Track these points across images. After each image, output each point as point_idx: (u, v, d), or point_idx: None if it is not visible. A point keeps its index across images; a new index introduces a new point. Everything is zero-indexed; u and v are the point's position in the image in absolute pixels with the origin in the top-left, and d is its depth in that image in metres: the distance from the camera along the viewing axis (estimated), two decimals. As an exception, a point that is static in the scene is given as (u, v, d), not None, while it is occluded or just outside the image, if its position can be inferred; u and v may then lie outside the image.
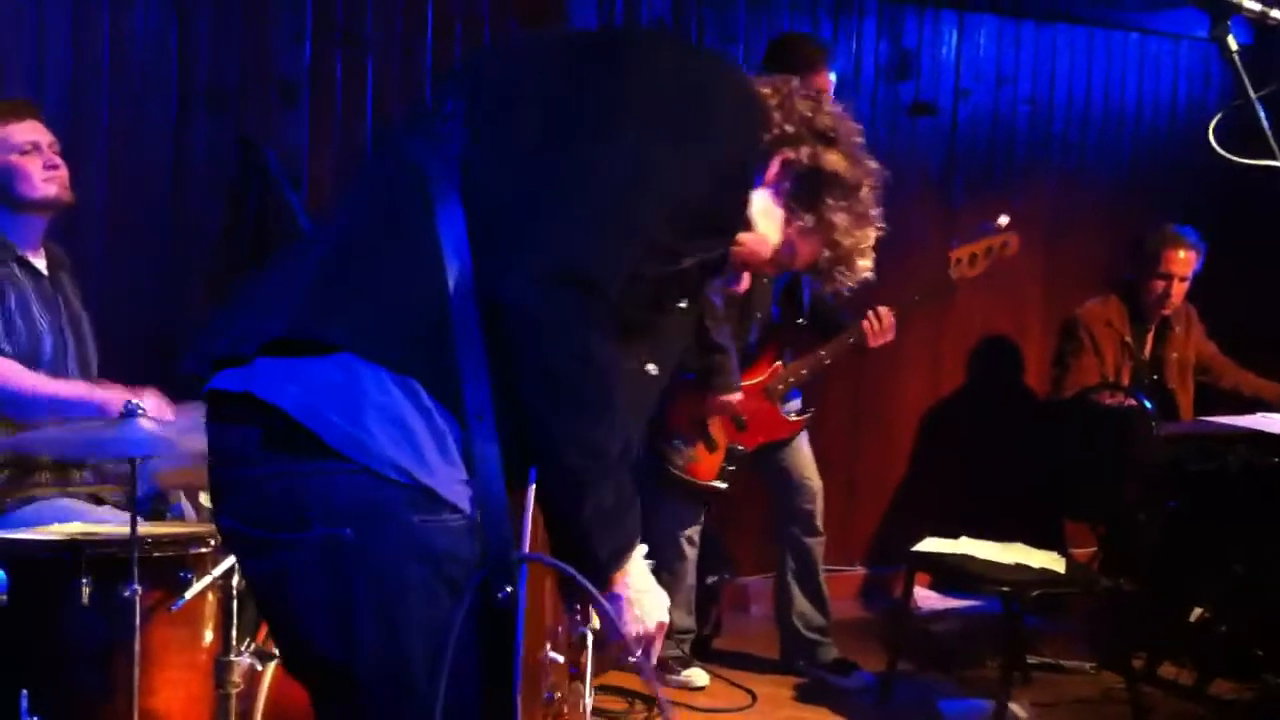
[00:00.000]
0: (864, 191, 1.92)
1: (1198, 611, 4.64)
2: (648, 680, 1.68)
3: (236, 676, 2.70)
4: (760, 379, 4.40)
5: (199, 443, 2.75)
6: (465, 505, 1.61)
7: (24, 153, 3.33)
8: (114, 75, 4.29)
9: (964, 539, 4.41)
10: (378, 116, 4.63)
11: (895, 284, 3.79)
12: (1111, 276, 5.31)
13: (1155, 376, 5.20)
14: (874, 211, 1.94)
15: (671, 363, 1.91)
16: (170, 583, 2.71)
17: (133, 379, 3.22)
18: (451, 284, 1.61)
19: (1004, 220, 4.57)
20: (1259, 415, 4.81)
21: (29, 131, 3.35)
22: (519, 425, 1.61)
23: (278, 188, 4.29)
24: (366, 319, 1.63)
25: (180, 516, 3.32)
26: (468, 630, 1.60)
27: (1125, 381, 5.10)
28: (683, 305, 1.87)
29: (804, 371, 4.45)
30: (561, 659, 1.73)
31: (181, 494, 3.31)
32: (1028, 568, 4.23)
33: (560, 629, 1.78)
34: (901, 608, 4.58)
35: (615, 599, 1.73)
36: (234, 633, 2.73)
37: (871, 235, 1.94)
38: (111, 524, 2.97)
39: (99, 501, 3.26)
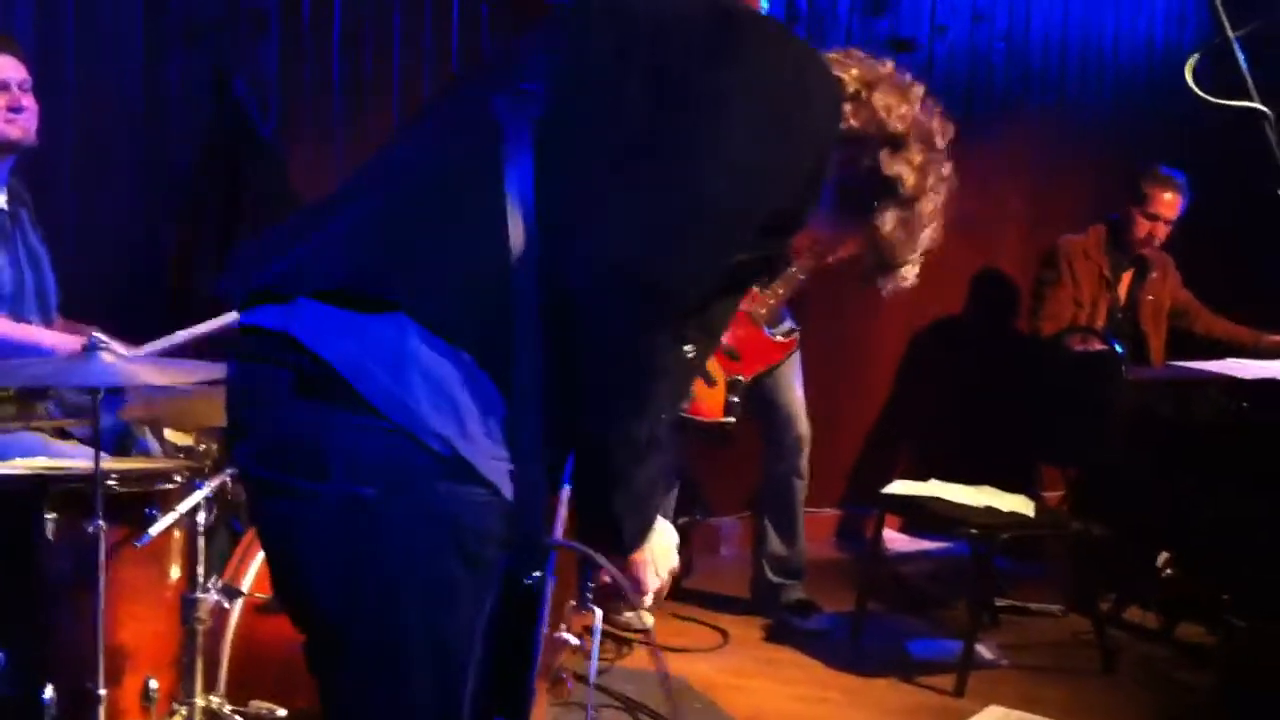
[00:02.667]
0: (924, 202, 1.80)
1: (1165, 555, 4.67)
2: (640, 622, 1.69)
3: (203, 613, 2.68)
4: (742, 307, 4.40)
5: (162, 377, 2.76)
6: (498, 482, 1.57)
7: None
8: (81, 7, 4.20)
9: (934, 481, 4.42)
10: (345, 46, 4.57)
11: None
12: (1092, 215, 5.30)
13: (1129, 316, 5.21)
14: (930, 225, 1.83)
15: (713, 346, 1.87)
16: (135, 519, 2.69)
17: (99, 318, 3.19)
18: (514, 257, 1.56)
19: None
20: (1229, 361, 4.82)
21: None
22: (566, 410, 1.57)
23: (246, 116, 4.23)
24: (425, 281, 1.58)
25: (146, 452, 3.29)
26: (482, 613, 1.58)
27: (1101, 317, 5.12)
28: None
29: (781, 291, 4.43)
30: (576, 640, 1.72)
31: (147, 429, 3.28)
32: (997, 510, 4.25)
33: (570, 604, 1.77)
34: (871, 549, 4.60)
35: (635, 564, 1.74)
36: (200, 569, 2.71)
37: (921, 247, 1.84)
38: (76, 459, 2.94)
39: (64, 436, 3.23)
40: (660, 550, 1.79)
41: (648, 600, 1.79)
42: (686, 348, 1.76)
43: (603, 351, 1.56)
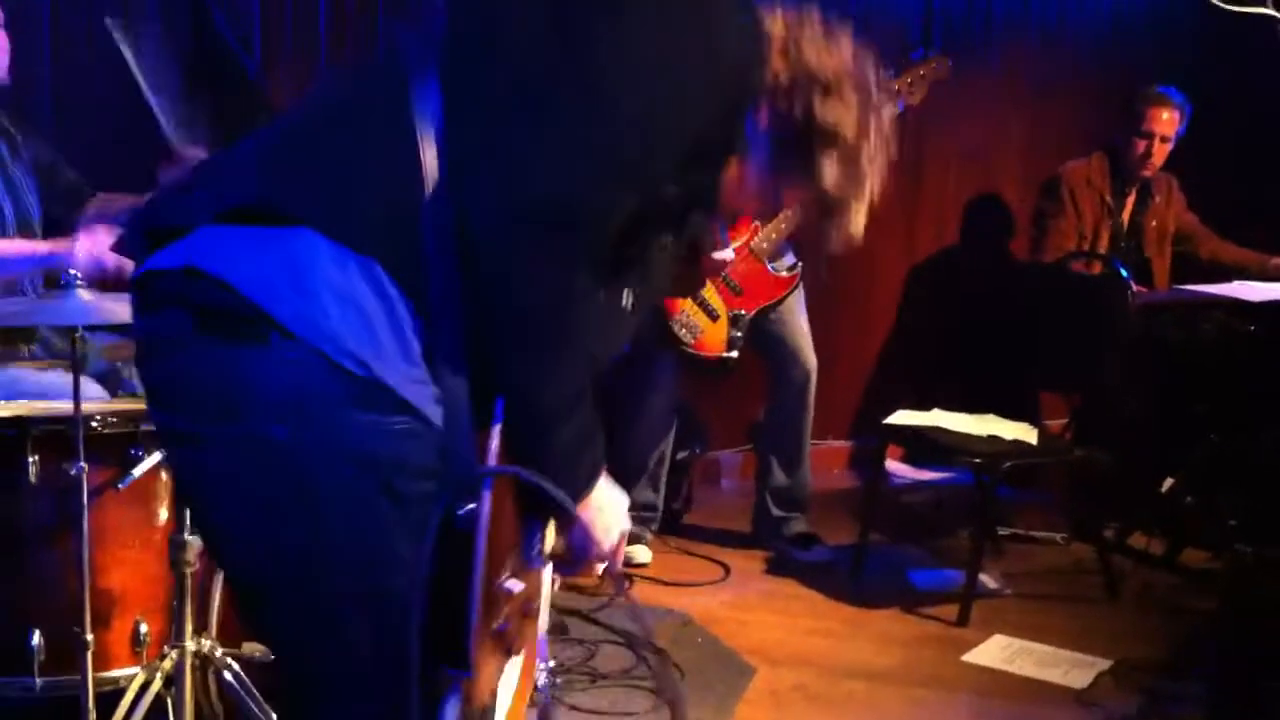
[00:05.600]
0: (865, 147, 1.73)
1: (1169, 481, 4.63)
2: (616, 586, 1.60)
3: (191, 556, 2.62)
4: (743, 239, 4.34)
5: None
6: (422, 407, 1.49)
7: None
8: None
9: (936, 410, 4.37)
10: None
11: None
12: (1094, 140, 5.21)
13: (1133, 242, 5.14)
14: (874, 172, 1.75)
15: (651, 299, 1.80)
16: (120, 460, 2.64)
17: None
18: (426, 172, 1.48)
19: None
20: (1235, 283, 4.76)
21: None
22: (484, 354, 1.50)
23: (227, 51, 4.14)
24: (330, 193, 1.51)
25: (133, 393, 3.23)
26: (421, 552, 1.48)
27: (1103, 243, 5.05)
28: (667, 242, 1.75)
29: (783, 225, 4.37)
30: (520, 587, 1.61)
31: (134, 369, 3.22)
32: (1000, 439, 4.21)
33: (517, 555, 1.67)
34: (873, 480, 4.56)
35: (579, 524, 1.66)
36: (188, 511, 2.65)
37: (867, 195, 1.75)
38: (59, 399, 2.88)
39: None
40: (606, 511, 1.69)
41: (600, 566, 1.73)
42: (626, 301, 1.70)
43: (513, 292, 1.47)
